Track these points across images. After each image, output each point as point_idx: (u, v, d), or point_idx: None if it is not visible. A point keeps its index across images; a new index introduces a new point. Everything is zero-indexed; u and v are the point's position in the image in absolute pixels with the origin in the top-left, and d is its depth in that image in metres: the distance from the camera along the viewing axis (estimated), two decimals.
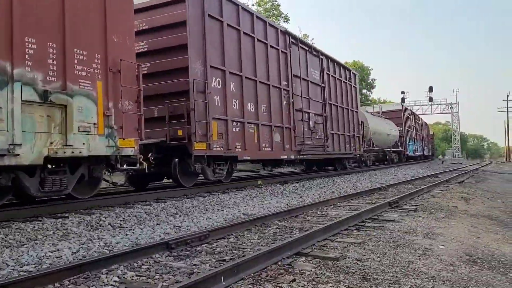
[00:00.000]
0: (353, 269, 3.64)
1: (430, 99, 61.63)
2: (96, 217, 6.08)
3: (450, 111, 65.57)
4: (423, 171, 20.65)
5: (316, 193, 10.04)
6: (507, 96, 60.28)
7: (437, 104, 63.87)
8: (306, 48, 14.95)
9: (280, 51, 12.82)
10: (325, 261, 3.86)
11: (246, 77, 10.90)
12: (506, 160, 57.97)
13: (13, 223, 5.53)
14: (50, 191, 6.23)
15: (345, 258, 3.97)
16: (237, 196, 8.98)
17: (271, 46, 12.35)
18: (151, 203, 7.57)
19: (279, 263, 3.79)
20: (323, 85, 15.90)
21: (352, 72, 19.89)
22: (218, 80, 9.84)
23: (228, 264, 3.37)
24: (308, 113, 14.36)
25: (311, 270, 3.58)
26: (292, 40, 13.74)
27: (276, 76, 12.54)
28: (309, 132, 14.20)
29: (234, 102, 10.36)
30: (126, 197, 7.88)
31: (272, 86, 12.20)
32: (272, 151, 11.80)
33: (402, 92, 60.68)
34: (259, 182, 11.64)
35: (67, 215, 6.21)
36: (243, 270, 3.38)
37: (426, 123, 50.63)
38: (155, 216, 6.51)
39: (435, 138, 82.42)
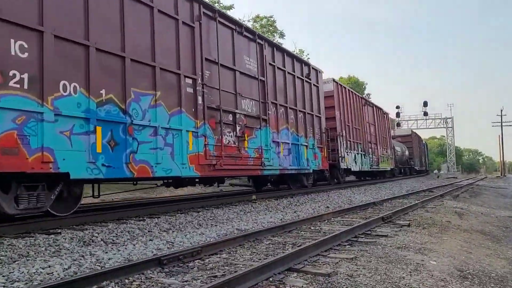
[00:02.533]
0: (344, 285, 3.65)
1: (425, 113, 62.19)
2: (89, 232, 6.06)
3: (445, 126, 65.96)
4: (418, 186, 20.69)
5: (310, 208, 10.05)
6: (501, 110, 60.88)
7: (432, 119, 64.29)
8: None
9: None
10: (316, 277, 3.87)
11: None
12: (501, 175, 58.21)
13: (5, 239, 5.50)
14: None
15: (336, 274, 3.98)
16: (231, 211, 8.97)
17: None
18: (145, 218, 7.56)
19: (271, 279, 3.80)
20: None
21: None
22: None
23: (219, 280, 3.38)
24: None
25: (302, 286, 3.58)
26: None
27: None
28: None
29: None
30: (120, 213, 7.86)
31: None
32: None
33: (397, 107, 61.46)
34: (253, 197, 11.63)
35: (59, 231, 6.19)
36: (234, 286, 3.38)
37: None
38: (148, 231, 6.49)
39: (430, 153, 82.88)
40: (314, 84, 16.14)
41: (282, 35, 37.23)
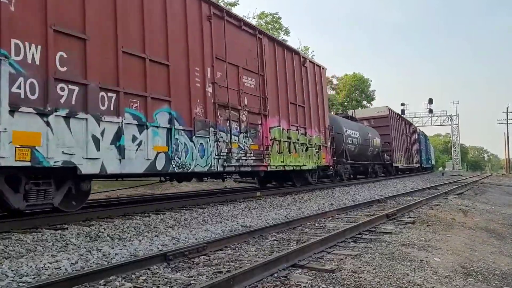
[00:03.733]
0: (348, 281, 3.68)
1: (430, 111, 62.00)
2: (95, 228, 6.12)
3: (450, 123, 65.70)
4: (423, 184, 20.67)
5: (315, 205, 10.07)
6: (507, 108, 60.43)
7: (437, 116, 64.07)
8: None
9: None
10: (321, 273, 3.90)
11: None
12: (507, 172, 57.93)
13: (13, 234, 5.57)
14: None
15: (341, 270, 4.00)
16: (235, 207, 9.02)
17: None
18: (150, 214, 7.61)
19: (275, 275, 3.83)
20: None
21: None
22: None
23: (224, 276, 3.42)
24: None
25: (306, 282, 3.62)
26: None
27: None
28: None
29: None
30: (125, 209, 7.92)
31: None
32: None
33: (402, 104, 61.24)
34: (258, 194, 11.67)
35: (66, 226, 6.26)
36: (239, 282, 3.42)
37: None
38: (154, 227, 6.55)
39: (436, 150, 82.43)
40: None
41: (287, 32, 37.17)
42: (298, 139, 13.90)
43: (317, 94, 15.96)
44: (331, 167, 17.01)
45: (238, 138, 10.75)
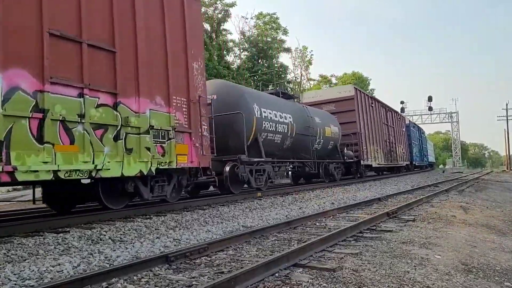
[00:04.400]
0: (349, 280, 3.70)
1: (430, 108, 62.09)
2: (97, 231, 6.14)
3: (449, 121, 65.72)
4: (423, 181, 20.65)
5: (315, 204, 10.09)
6: (506, 104, 60.49)
7: (436, 114, 64.10)
8: None
9: None
10: (322, 272, 3.92)
11: None
12: (507, 169, 57.92)
13: (15, 238, 5.60)
14: None
15: (341, 269, 4.02)
16: (236, 208, 9.04)
17: None
18: (151, 216, 7.63)
19: (277, 274, 3.85)
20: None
21: None
22: None
23: (226, 276, 3.44)
24: None
25: (307, 281, 3.63)
26: None
27: None
28: None
29: None
30: (127, 211, 7.94)
31: None
32: None
33: (402, 102, 61.35)
34: (259, 194, 11.69)
35: (68, 229, 6.28)
36: (240, 282, 3.44)
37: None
38: (155, 229, 6.57)
39: (436, 148, 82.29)
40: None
41: (285, 32, 37.17)
42: (80, 115, 6.55)
43: (168, 28, 8.60)
44: (205, 171, 9.54)
45: None
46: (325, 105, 21.20)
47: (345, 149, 19.55)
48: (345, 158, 19.13)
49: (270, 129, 13.01)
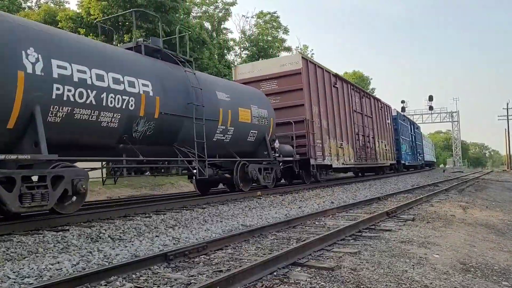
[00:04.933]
0: (348, 279, 3.71)
1: (430, 108, 61.98)
2: (96, 229, 6.16)
3: (450, 120, 65.67)
4: (423, 181, 20.64)
5: (315, 203, 10.10)
6: (507, 104, 60.45)
7: (437, 113, 64.03)
8: None
9: None
10: (320, 271, 3.93)
11: None
12: (508, 168, 57.90)
13: (14, 236, 5.60)
14: None
15: (340, 268, 4.03)
16: (236, 207, 9.05)
17: None
18: (151, 215, 7.64)
19: (275, 273, 3.86)
20: None
21: None
22: None
23: (224, 274, 3.45)
24: None
25: (306, 280, 3.64)
26: None
27: None
28: None
29: None
30: (126, 209, 7.96)
31: None
32: None
33: (402, 101, 61.26)
34: (258, 193, 11.69)
35: (67, 227, 6.29)
36: (238, 281, 3.45)
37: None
38: (154, 228, 6.58)
39: (437, 147, 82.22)
40: None
41: (286, 31, 37.19)
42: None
43: None
44: None
45: None
46: (264, 83, 15.40)
47: (276, 142, 13.10)
48: (278, 155, 12.97)
49: (79, 101, 7.01)
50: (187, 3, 28.46)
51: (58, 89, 6.66)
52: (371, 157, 21.29)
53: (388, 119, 26.30)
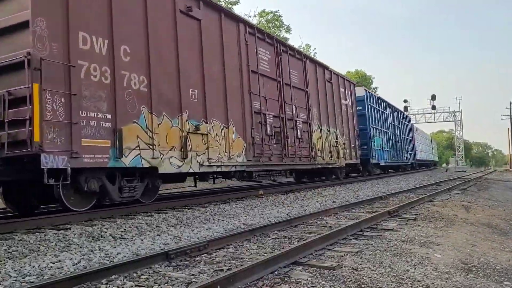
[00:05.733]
0: (349, 278, 3.70)
1: (433, 107, 61.79)
2: (98, 228, 6.16)
3: (453, 119, 65.53)
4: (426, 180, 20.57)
5: (317, 202, 10.09)
6: (510, 103, 60.26)
7: (440, 112, 63.87)
8: None
9: None
10: (321, 270, 3.92)
11: None
12: (511, 168, 57.74)
13: (16, 235, 5.62)
14: None
15: (341, 267, 4.02)
16: (238, 206, 9.05)
17: None
18: (152, 214, 7.65)
19: (276, 272, 3.86)
20: None
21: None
22: None
23: (225, 273, 3.44)
24: None
25: (307, 279, 3.64)
26: None
27: None
28: None
29: None
30: (128, 208, 7.96)
31: None
32: None
33: (405, 101, 61.07)
34: (260, 192, 11.69)
35: (69, 226, 6.30)
36: (240, 279, 3.45)
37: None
38: (156, 226, 6.58)
39: (440, 147, 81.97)
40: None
41: (288, 30, 37.14)
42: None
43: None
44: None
45: None
46: None
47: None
48: None
49: None
50: None
51: None
52: (298, 154, 13.90)
53: (345, 99, 18.75)
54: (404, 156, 28.90)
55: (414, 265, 4.23)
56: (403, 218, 7.38)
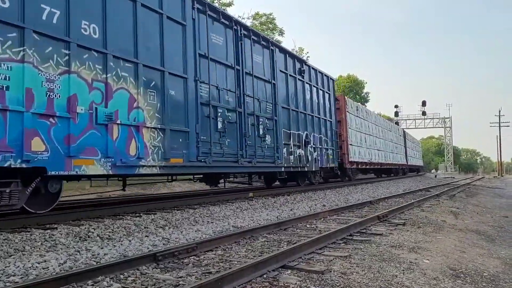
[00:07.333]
0: (337, 282, 3.68)
1: (423, 113, 62.28)
2: (85, 228, 6.09)
3: (443, 125, 66.07)
4: (415, 185, 20.68)
5: (307, 206, 10.08)
6: (499, 111, 60.98)
7: (430, 118, 64.38)
8: None
9: None
10: (310, 274, 3.90)
11: None
12: (499, 175, 58.37)
13: (1, 234, 5.52)
14: None
15: (330, 272, 4.00)
16: (227, 208, 9.00)
17: None
18: (141, 214, 7.57)
19: (265, 275, 3.83)
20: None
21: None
22: None
23: (213, 276, 3.41)
24: None
25: (295, 283, 3.61)
26: None
27: None
28: None
29: None
30: (116, 209, 7.88)
31: None
32: None
33: (396, 106, 61.52)
34: (251, 194, 11.66)
35: (56, 226, 6.21)
36: (228, 282, 3.41)
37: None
38: (144, 227, 6.52)
39: (429, 153, 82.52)
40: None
41: (281, 32, 37.18)
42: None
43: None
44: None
45: None
46: None
47: None
48: None
49: None
50: None
51: None
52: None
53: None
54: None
55: (403, 270, 4.23)
56: (392, 223, 7.40)
